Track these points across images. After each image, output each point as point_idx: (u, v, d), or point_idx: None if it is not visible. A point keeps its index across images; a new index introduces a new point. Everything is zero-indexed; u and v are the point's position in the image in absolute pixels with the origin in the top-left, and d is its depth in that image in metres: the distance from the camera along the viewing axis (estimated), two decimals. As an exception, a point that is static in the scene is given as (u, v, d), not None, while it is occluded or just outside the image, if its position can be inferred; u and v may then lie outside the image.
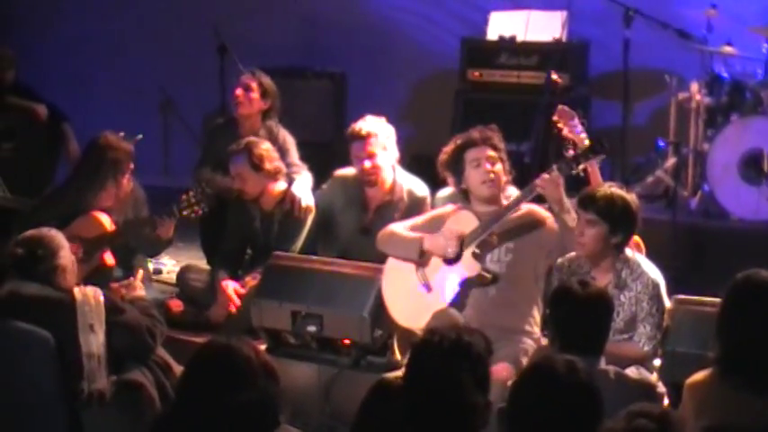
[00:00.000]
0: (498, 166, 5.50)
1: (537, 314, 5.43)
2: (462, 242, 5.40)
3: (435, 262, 5.50)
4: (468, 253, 5.40)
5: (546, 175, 5.24)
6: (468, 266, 5.41)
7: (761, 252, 6.97)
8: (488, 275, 5.37)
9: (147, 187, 6.96)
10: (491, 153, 5.50)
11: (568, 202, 5.27)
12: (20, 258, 4.80)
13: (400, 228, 5.66)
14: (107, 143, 6.63)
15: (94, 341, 4.58)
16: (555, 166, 5.26)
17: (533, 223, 5.40)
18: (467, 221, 5.46)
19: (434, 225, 5.57)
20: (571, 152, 5.33)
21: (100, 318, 4.60)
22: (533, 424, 3.22)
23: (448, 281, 5.44)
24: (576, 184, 6.34)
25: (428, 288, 5.52)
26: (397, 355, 5.70)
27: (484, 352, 3.42)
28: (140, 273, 5.88)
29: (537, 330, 5.43)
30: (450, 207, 5.67)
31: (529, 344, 5.33)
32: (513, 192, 6.20)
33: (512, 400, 3.27)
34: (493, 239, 5.40)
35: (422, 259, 5.52)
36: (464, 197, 5.60)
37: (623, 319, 5.11)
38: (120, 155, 6.57)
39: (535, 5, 8.53)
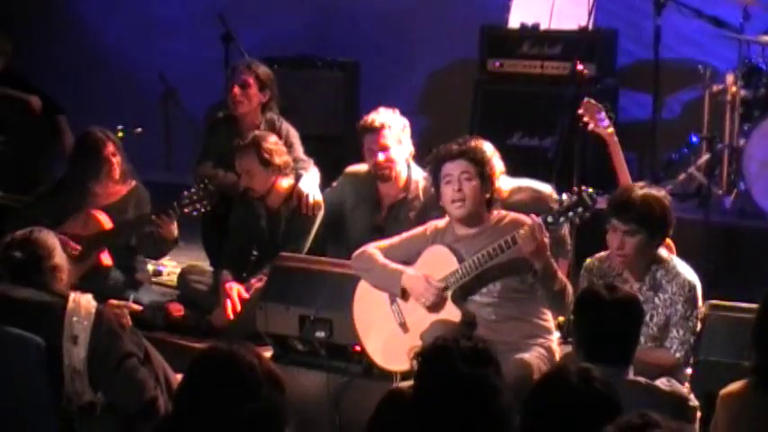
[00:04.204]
0: (472, 183, 5.27)
1: (545, 313, 5.36)
2: (444, 292, 5.29)
3: (413, 300, 5.40)
4: (448, 299, 5.29)
5: (526, 228, 5.03)
6: (449, 314, 5.29)
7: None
8: (470, 318, 5.26)
9: (149, 183, 6.96)
10: (468, 168, 5.28)
11: (552, 261, 5.12)
12: (12, 262, 4.78)
13: (377, 251, 5.51)
14: (88, 134, 6.65)
15: (75, 354, 4.54)
16: (541, 218, 5.07)
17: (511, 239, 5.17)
18: (442, 260, 5.32)
19: (412, 246, 5.47)
20: (556, 205, 5.10)
21: (85, 332, 4.56)
22: None
23: (426, 324, 5.29)
24: (604, 179, 6.32)
25: (404, 328, 5.43)
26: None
27: (498, 358, 3.41)
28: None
29: (551, 333, 5.39)
30: (431, 224, 5.53)
31: (542, 350, 5.29)
32: (525, 182, 6.16)
33: (525, 413, 3.25)
34: (474, 283, 5.27)
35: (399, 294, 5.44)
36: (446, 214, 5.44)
37: (657, 323, 5.10)
38: (100, 143, 6.59)
39: (560, -9, 8.51)
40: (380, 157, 6.30)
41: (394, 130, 6.29)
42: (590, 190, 5.08)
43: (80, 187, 6.63)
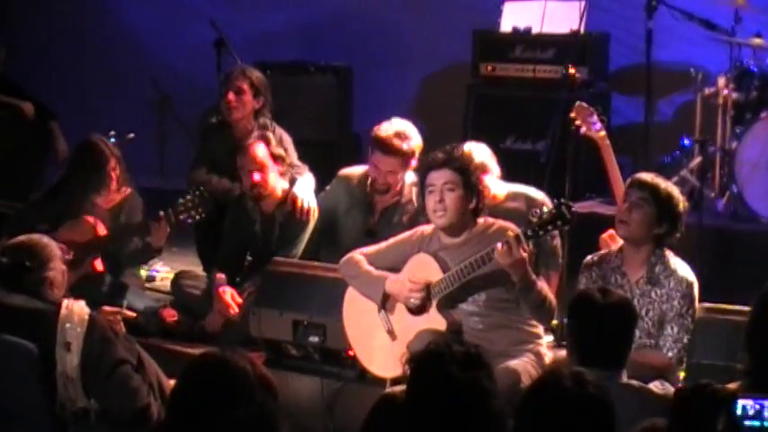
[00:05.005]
0: (455, 194, 5.22)
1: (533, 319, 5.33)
2: (429, 293, 5.28)
3: (399, 308, 5.40)
4: (433, 307, 5.29)
5: (504, 245, 4.97)
6: (434, 322, 5.28)
7: (793, 257, 6.94)
8: (456, 327, 5.24)
9: (142, 189, 6.96)
10: (451, 177, 5.23)
11: (530, 274, 5.07)
12: (6, 268, 4.76)
13: (363, 258, 5.52)
14: (93, 146, 6.65)
15: (68, 361, 4.53)
16: (520, 231, 5.02)
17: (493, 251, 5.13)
18: (426, 269, 5.31)
19: (398, 252, 5.46)
20: (535, 218, 5.03)
21: (78, 339, 4.55)
22: None
23: (412, 332, 5.27)
24: (596, 183, 6.29)
25: (392, 335, 5.43)
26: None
27: (491, 362, 3.41)
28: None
29: (540, 338, 5.37)
30: (417, 230, 5.51)
31: (531, 355, 5.28)
32: (520, 189, 6.16)
33: (519, 417, 3.25)
34: (459, 293, 5.26)
35: (384, 301, 5.43)
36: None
37: (652, 318, 5.12)
38: (104, 159, 6.59)
39: (551, -5, 8.50)
40: (383, 178, 6.29)
41: (406, 157, 6.24)
42: (569, 203, 5.05)
43: (80, 197, 6.62)
